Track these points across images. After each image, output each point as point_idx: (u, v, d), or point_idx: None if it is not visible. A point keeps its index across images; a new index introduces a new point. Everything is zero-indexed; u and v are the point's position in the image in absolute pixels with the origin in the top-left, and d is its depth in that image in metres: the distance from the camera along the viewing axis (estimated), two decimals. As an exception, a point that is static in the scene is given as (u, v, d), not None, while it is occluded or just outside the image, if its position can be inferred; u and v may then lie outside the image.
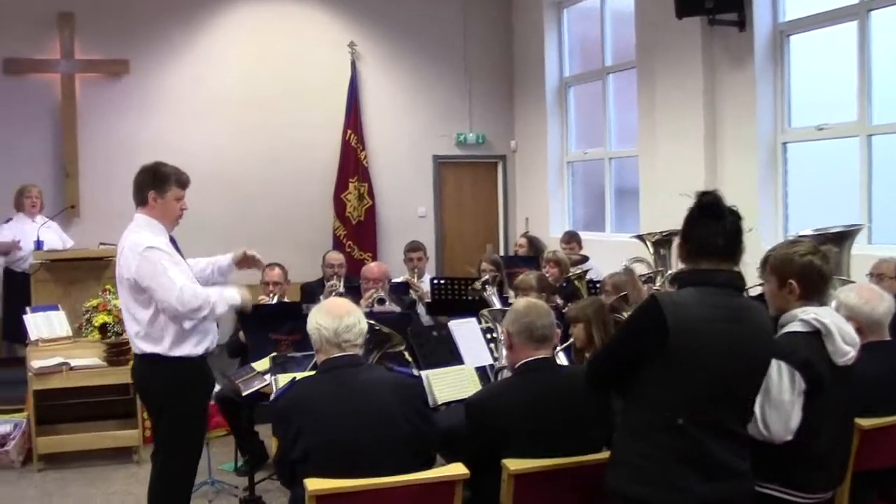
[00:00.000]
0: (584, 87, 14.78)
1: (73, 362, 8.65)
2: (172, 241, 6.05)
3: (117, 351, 8.70)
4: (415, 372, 5.93)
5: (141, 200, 5.94)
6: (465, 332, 6.37)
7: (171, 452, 6.05)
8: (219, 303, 5.90)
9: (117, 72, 13.49)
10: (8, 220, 10.98)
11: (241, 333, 8.51)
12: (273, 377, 5.89)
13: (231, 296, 6.04)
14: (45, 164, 13.09)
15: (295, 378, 4.64)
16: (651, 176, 12.31)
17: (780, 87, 10.78)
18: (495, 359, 6.29)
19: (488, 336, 6.42)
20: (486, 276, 8.58)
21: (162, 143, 12.15)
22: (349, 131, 14.47)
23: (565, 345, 6.33)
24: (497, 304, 7.76)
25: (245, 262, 6.62)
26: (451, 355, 6.26)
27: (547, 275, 9.61)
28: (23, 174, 12.17)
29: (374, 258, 14.08)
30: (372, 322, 5.12)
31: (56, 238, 11.06)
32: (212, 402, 9.08)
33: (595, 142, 14.47)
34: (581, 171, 15.04)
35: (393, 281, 9.91)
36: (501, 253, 15.21)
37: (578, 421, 4.68)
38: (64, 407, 9.01)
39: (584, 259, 11.25)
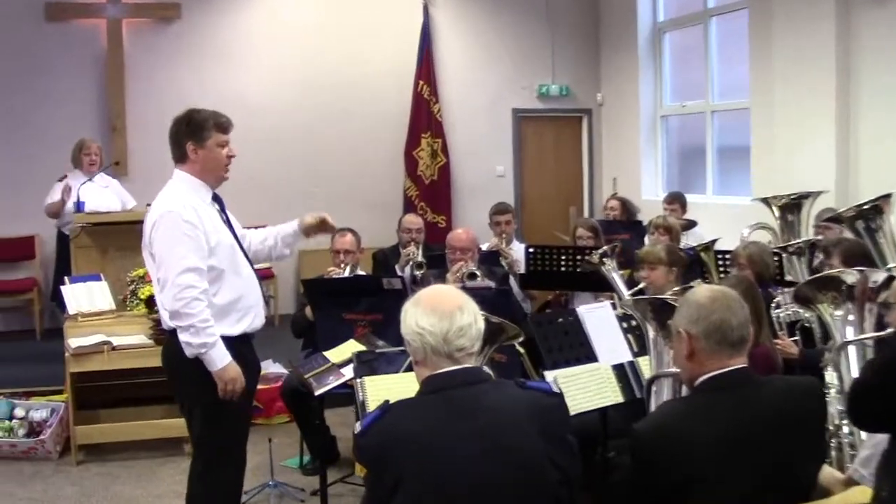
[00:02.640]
0: (680, 32, 13.48)
1: (116, 341, 7.64)
2: (218, 200, 5.23)
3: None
4: (549, 378, 4.64)
5: (180, 155, 5.11)
6: (598, 319, 5.09)
7: (210, 455, 5.10)
8: (209, 344, 4.87)
9: (168, 16, 12.42)
10: (62, 178, 9.78)
11: (307, 309, 7.30)
12: (358, 380, 4.57)
13: (222, 356, 4.92)
14: (90, 117, 12.11)
15: (388, 402, 3.32)
16: (766, 132, 11.08)
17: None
18: (634, 353, 5.04)
19: (624, 325, 5.14)
20: (605, 248, 7.29)
21: (217, 96, 10.93)
22: (421, 82, 13.30)
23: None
24: (619, 281, 6.53)
25: (314, 228, 5.62)
26: (580, 349, 4.98)
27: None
28: (65, 128, 11.34)
29: (448, 221, 13.16)
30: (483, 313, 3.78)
31: (115, 199, 9.96)
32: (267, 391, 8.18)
33: (692, 94, 13.21)
34: (676, 127, 13.76)
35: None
36: (586, 216, 14.10)
37: (789, 458, 3.45)
38: (106, 389, 8.11)
39: (692, 224, 10.13)
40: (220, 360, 4.86)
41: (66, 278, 8.46)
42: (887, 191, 8.54)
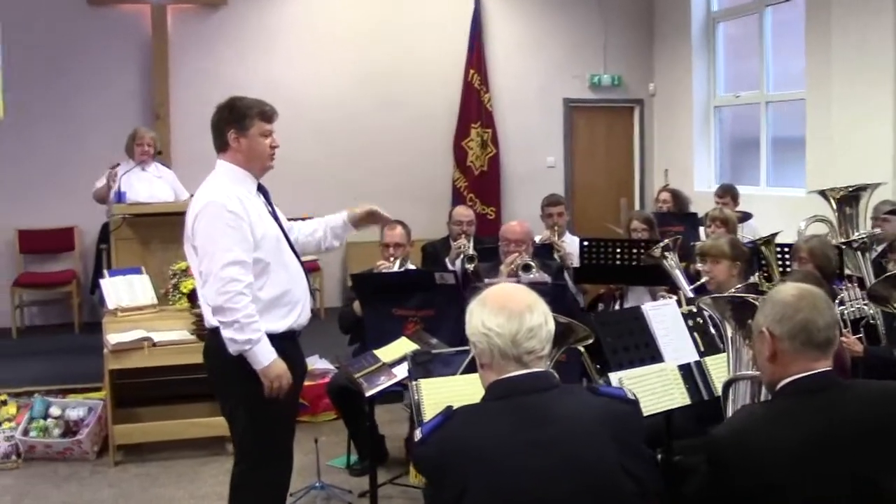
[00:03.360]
0: (734, 22, 13.17)
1: (157, 336, 7.39)
2: (263, 191, 5.00)
3: None
4: (614, 379, 4.36)
5: (221, 145, 4.90)
6: (664, 317, 4.78)
7: (255, 456, 4.85)
8: (255, 340, 4.63)
9: (214, 3, 12.20)
10: (115, 167, 9.52)
11: (355, 304, 7.05)
12: (413, 382, 4.29)
13: (267, 353, 4.68)
14: (133, 105, 11.93)
15: (451, 409, 3.06)
16: (822, 123, 10.78)
17: None
18: (701, 353, 4.75)
19: (690, 323, 4.85)
20: (667, 241, 7.02)
21: (262, 85, 10.66)
22: (471, 70, 13.01)
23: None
24: (681, 277, 6.25)
25: (364, 219, 5.38)
26: (645, 349, 4.69)
27: (714, 236, 8.25)
28: (107, 116, 11.32)
29: (498, 213, 12.92)
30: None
31: (167, 190, 9.66)
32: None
33: (745, 85, 12.90)
34: (729, 119, 13.45)
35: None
36: (637, 208, 13.91)
37: (874, 468, 3.13)
38: (146, 386, 7.90)
39: (747, 216, 9.82)
40: (266, 357, 4.63)
41: (105, 271, 8.27)
42: None
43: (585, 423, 3.03)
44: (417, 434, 3.08)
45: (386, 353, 5.41)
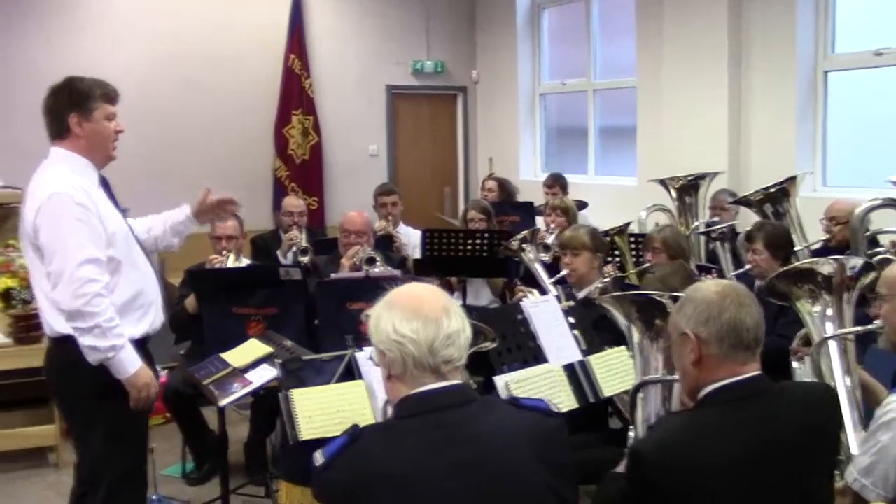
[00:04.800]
0: (559, 9, 13.01)
1: (-31, 340, 6.76)
2: (105, 183, 4.53)
3: (26, 325, 6.91)
4: (500, 383, 4.02)
5: (59, 131, 4.38)
6: (545, 315, 4.49)
7: (114, 480, 4.34)
8: (119, 346, 4.16)
9: (14, -21, 11.33)
10: None
11: (187, 302, 6.56)
12: (284, 394, 3.86)
13: (132, 360, 4.22)
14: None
15: (358, 428, 2.67)
16: (653, 112, 10.76)
17: (824, 5, 9.20)
18: (583, 351, 4.47)
19: (571, 320, 4.56)
20: (524, 232, 6.74)
21: (71, 69, 10.07)
22: (292, 56, 12.44)
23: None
24: (541, 270, 5.98)
25: (209, 210, 5.02)
26: (527, 349, 4.38)
27: (552, 225, 8.11)
28: None
29: (321, 203, 12.43)
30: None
31: None
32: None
33: (570, 73, 12.78)
34: (554, 107, 13.29)
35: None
36: (461, 199, 13.77)
37: (807, 475, 2.97)
38: (-44, 394, 7.21)
39: (582, 205, 9.65)
40: (132, 363, 4.18)
41: None
42: (778, 171, 8.42)
43: (510, 441, 2.71)
44: (318, 458, 2.68)
45: (235, 357, 4.95)
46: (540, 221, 9.12)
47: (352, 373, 4.07)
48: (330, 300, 6.00)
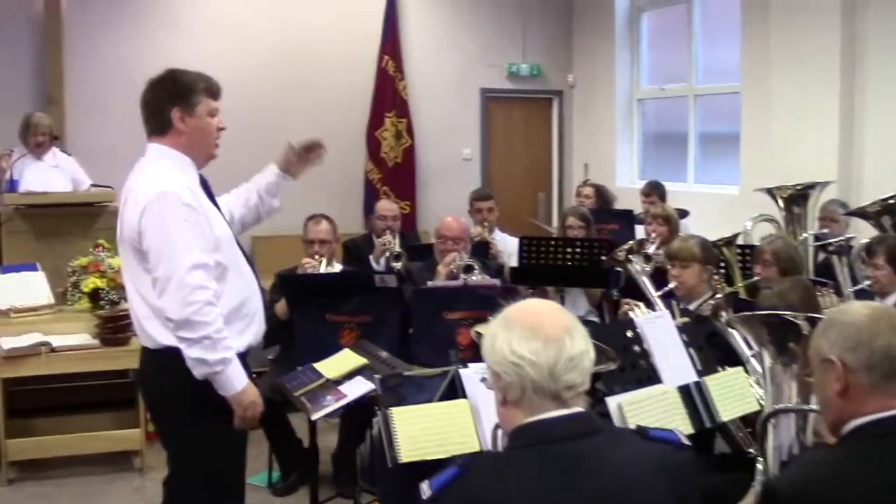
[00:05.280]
0: (660, 12, 12.68)
1: (56, 341, 6.64)
2: (204, 183, 4.22)
3: (113, 326, 6.73)
4: (612, 405, 3.74)
5: (159, 126, 4.09)
6: (659, 332, 4.20)
7: (208, 500, 4.08)
8: (227, 360, 3.86)
9: (112, -24, 11.28)
10: (6, 154, 8.66)
11: (278, 306, 6.36)
12: (384, 412, 3.60)
13: (239, 376, 3.94)
14: (23, 87, 10.87)
15: (469, 458, 2.42)
16: (759, 118, 10.36)
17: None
18: (698, 371, 4.18)
19: (685, 338, 4.27)
20: (631, 243, 6.46)
21: (167, 65, 10.00)
22: (386, 57, 12.25)
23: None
24: (649, 283, 5.68)
25: (299, 161, 4.76)
26: (641, 369, 4.09)
27: (654, 234, 7.84)
28: None
29: (413, 207, 12.19)
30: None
31: (63, 180, 8.69)
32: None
33: (668, 78, 12.49)
34: (652, 112, 12.95)
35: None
36: (555, 205, 13.49)
37: None
38: (43, 394, 7.06)
39: (683, 214, 9.35)
40: (239, 380, 3.90)
41: (-5, 268, 7.47)
42: (892, 182, 8.04)
43: (640, 476, 2.44)
44: (426, 489, 2.43)
45: (329, 368, 4.73)
46: (640, 231, 8.87)
47: (455, 390, 3.80)
48: (426, 309, 5.81)
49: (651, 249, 7.04)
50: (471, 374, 3.74)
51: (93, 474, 6.83)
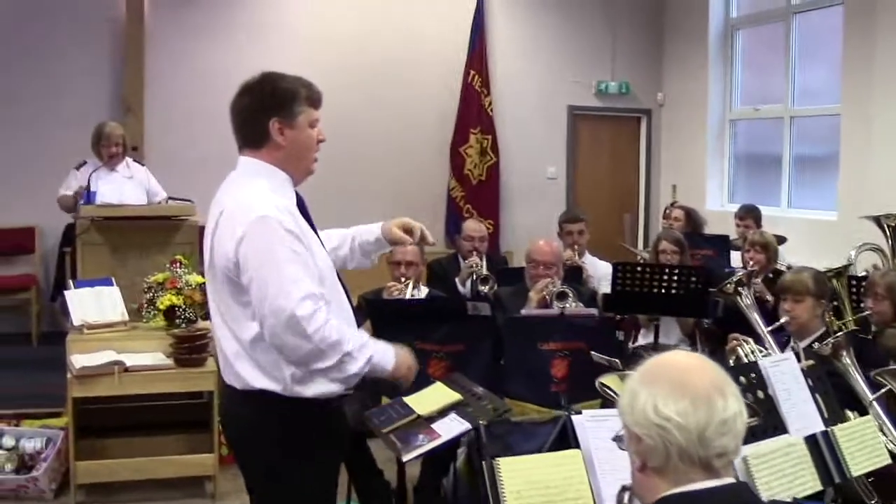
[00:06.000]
0: (756, 30, 12.29)
1: (130, 360, 6.34)
2: (301, 203, 3.75)
3: (189, 346, 6.43)
4: (741, 461, 3.38)
5: (254, 138, 3.64)
6: (784, 376, 3.83)
7: None
8: (371, 356, 3.56)
9: (195, -15, 11.14)
10: (80, 166, 8.55)
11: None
12: (489, 462, 3.22)
13: (386, 355, 3.65)
14: (101, 95, 10.78)
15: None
16: (859, 142, 9.93)
17: None
18: (825, 420, 3.82)
19: (810, 382, 3.90)
20: (740, 274, 6.09)
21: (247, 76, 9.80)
22: (472, 72, 12.00)
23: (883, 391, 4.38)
24: (759, 318, 5.32)
25: (402, 237, 4.13)
26: (767, 416, 3.72)
27: (751, 262, 7.49)
28: (73, 107, 10.27)
29: (496, 227, 11.86)
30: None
31: (139, 192, 8.61)
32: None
33: (761, 98, 12.07)
34: (743, 134, 12.56)
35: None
36: (641, 227, 13.20)
37: None
38: (114, 414, 6.90)
39: (781, 240, 8.97)
40: (388, 359, 3.63)
41: (70, 280, 7.25)
42: None
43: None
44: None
45: (420, 403, 4.35)
46: (735, 257, 8.51)
47: (565, 437, 3.43)
48: (519, 338, 5.50)
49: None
50: (583, 421, 3.39)
51: (164, 499, 6.60)
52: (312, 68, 10.63)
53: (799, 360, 4.05)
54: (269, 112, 3.60)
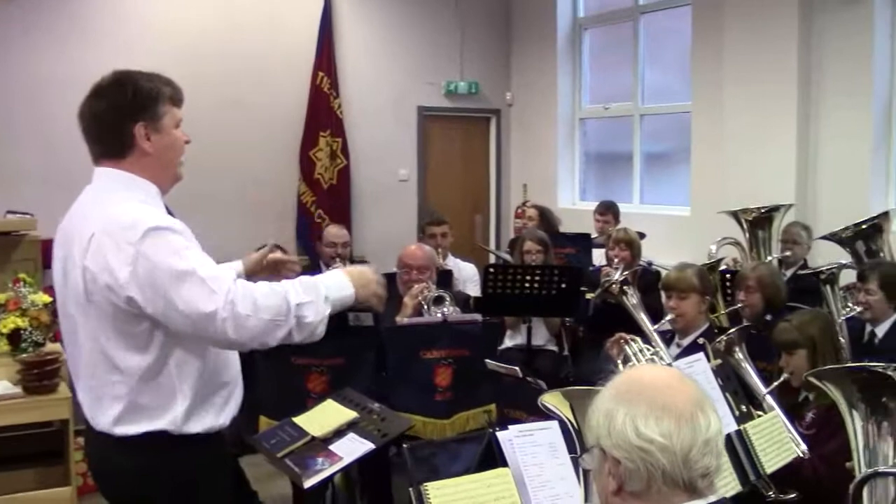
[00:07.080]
0: (604, 29, 12.35)
1: (-29, 390, 5.89)
2: (168, 212, 3.33)
3: (39, 373, 5.81)
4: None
5: (116, 146, 3.23)
6: (698, 377, 3.76)
7: None
8: (326, 298, 3.23)
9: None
10: None
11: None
12: (417, 488, 2.96)
13: (340, 284, 3.30)
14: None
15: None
16: (710, 138, 10.08)
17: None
18: (737, 418, 3.77)
19: (719, 381, 3.85)
20: (625, 274, 6.05)
21: (82, 85, 9.32)
22: (320, 73, 11.72)
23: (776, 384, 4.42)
24: (646, 317, 5.27)
25: (265, 269, 3.83)
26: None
27: (616, 259, 7.49)
28: None
29: (349, 231, 11.56)
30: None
31: None
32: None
33: (611, 96, 12.16)
34: (594, 132, 12.64)
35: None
36: (492, 227, 13.19)
37: None
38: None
39: (640, 236, 8.98)
40: (345, 289, 3.29)
41: None
42: (850, 203, 7.84)
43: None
44: None
45: (312, 423, 4.14)
46: (597, 254, 8.53)
47: (491, 455, 3.25)
48: (401, 348, 5.31)
49: (616, 276, 6.62)
50: (510, 437, 3.22)
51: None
52: (157, 70, 10.30)
53: (709, 360, 4.01)
54: (132, 116, 3.23)
